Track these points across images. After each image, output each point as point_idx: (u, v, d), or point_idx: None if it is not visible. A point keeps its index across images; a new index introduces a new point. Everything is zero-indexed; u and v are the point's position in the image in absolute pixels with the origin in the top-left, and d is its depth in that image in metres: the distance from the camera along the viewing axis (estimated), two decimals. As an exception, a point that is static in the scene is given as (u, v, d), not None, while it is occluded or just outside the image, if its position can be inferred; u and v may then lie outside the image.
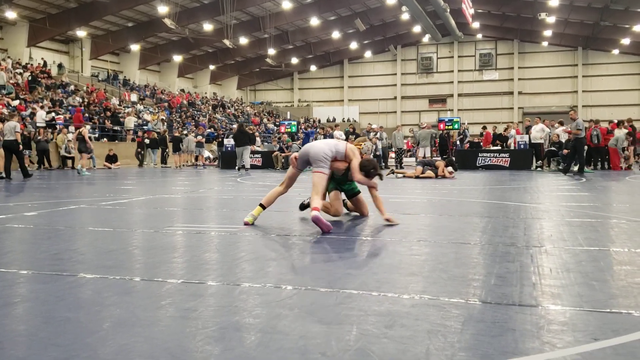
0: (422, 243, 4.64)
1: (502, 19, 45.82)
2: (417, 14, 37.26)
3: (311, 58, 52.55)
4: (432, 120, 32.43)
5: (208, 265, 3.83)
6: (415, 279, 3.37)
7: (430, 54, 53.30)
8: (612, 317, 2.58)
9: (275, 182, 13.33)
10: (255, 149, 23.38)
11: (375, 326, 2.45)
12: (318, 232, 5.19)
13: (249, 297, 2.97)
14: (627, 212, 6.71)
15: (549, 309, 2.72)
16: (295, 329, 2.42)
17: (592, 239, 4.78)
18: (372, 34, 48.24)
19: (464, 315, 2.61)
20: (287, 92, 57.70)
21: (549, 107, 47.45)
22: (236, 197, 9.56)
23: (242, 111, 46.76)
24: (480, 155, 20.32)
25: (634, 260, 3.87)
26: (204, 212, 7.40)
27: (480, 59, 52.04)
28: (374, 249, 4.43)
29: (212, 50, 45.65)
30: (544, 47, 49.63)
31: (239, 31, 39.45)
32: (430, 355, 2.11)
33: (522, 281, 3.27)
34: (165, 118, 31.74)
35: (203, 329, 2.44)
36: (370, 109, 53.98)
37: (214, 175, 17.47)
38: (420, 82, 53.83)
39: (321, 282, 3.27)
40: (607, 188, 11.12)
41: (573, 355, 2.11)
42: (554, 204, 7.85)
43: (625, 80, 48.05)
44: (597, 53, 48.32)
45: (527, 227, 5.40)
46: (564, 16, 40.95)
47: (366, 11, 42.83)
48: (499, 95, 51.43)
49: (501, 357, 2.09)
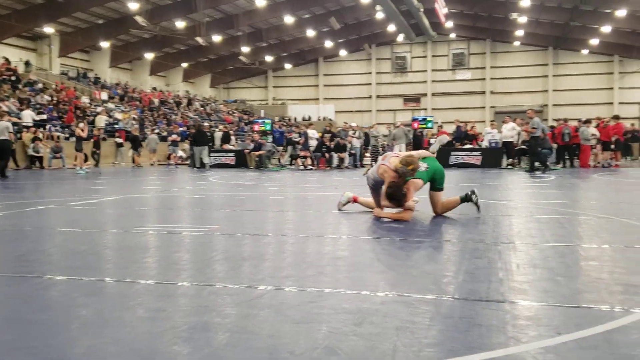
0: (393, 241, 4.67)
1: (474, 19, 46.30)
2: (391, 13, 37.44)
3: (286, 56, 52.40)
4: (406, 119, 32.64)
5: (178, 266, 3.81)
6: (385, 276, 3.40)
7: (405, 53, 53.61)
8: (575, 312, 2.64)
9: (249, 182, 13.28)
10: (229, 148, 23.27)
11: (345, 324, 2.46)
12: (290, 232, 5.20)
13: (218, 297, 2.96)
14: (594, 209, 6.85)
15: (515, 305, 2.77)
16: (264, 329, 2.42)
17: (559, 235, 4.88)
18: (346, 33, 48.31)
19: (432, 312, 2.64)
20: (262, 91, 57.46)
21: (520, 106, 48.02)
22: (208, 196, 9.50)
23: (215, 109, 46.44)
24: (452, 154, 20.53)
25: (599, 256, 3.96)
26: (175, 211, 7.34)
27: (453, 59, 52.51)
28: (346, 247, 4.45)
29: (184, 48, 45.17)
30: (515, 47, 50.29)
31: (212, 29, 39.12)
32: (397, 351, 2.13)
33: (490, 277, 3.32)
34: (137, 117, 31.35)
35: (172, 330, 2.43)
36: (346, 107, 54.07)
37: (186, 174, 17.33)
38: (395, 81, 54.11)
39: (292, 282, 3.28)
40: (576, 185, 11.34)
41: (537, 350, 2.15)
42: (523, 201, 7.98)
43: (594, 80, 49.00)
44: (567, 53, 49.16)
45: (496, 224, 5.48)
46: (535, 16, 41.56)
47: (341, 10, 42.86)
48: (472, 95, 51.95)
49: (467, 353, 2.12)
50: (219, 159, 22.33)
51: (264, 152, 20.65)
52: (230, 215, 6.73)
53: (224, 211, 7.18)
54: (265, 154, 20.71)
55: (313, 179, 13.98)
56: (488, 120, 44.30)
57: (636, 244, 4.37)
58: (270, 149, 20.93)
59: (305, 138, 20.69)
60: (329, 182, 13.00)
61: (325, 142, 20.22)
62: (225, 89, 58.22)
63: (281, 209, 7.41)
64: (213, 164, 22.04)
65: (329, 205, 7.70)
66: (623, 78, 47.96)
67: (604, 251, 4.13)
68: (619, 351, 2.13)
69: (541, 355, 2.09)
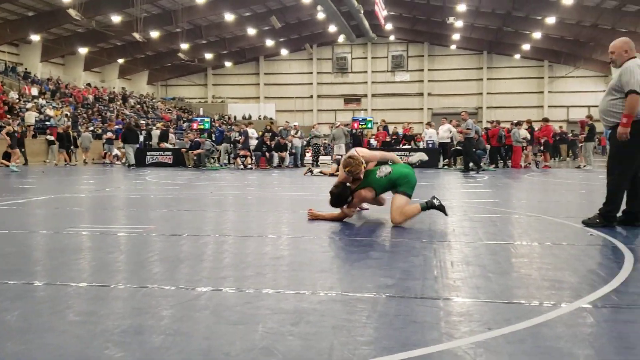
0: (333, 240, 4.70)
1: (413, 22, 47.32)
2: (332, 14, 37.73)
3: (226, 54, 51.84)
4: (347, 119, 32.95)
5: (112, 268, 3.70)
6: (324, 276, 3.41)
7: (345, 54, 54.14)
8: (505, 307, 2.74)
9: (187, 181, 13.06)
10: (167, 146, 22.81)
11: (281, 324, 2.46)
12: (229, 232, 5.14)
13: (153, 300, 2.89)
14: (524, 208, 7.13)
15: (449, 301, 2.84)
16: (199, 330, 2.39)
17: (491, 233, 5.05)
18: (288, 32, 48.30)
19: (368, 310, 2.68)
20: (201, 88, 56.62)
21: (456, 108, 49.44)
22: (144, 196, 9.27)
23: (152, 107, 45.37)
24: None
25: (528, 253, 4.12)
26: (109, 212, 7.12)
27: (392, 61, 53.46)
28: (286, 247, 4.44)
29: (120, 43, 43.88)
30: (452, 51, 51.73)
31: (149, 24, 38.19)
32: (333, 350, 2.15)
33: (425, 275, 3.39)
34: (69, 114, 30.21)
35: (103, 334, 2.35)
36: (287, 106, 54.06)
37: (121, 173, 16.85)
38: (336, 81, 54.56)
39: (230, 282, 3.25)
40: (507, 185, 11.77)
41: (468, 345, 2.22)
42: (458, 200, 8.21)
43: (526, 83, 51.10)
44: (500, 57, 51.02)
45: (432, 223, 5.61)
46: (471, 21, 42.89)
47: (282, 9, 42.80)
48: (410, 96, 53.06)
49: (401, 350, 2.16)
50: (155, 158, 21.85)
51: (203, 151, 20.35)
52: (167, 215, 6.59)
53: (161, 211, 7.03)
54: (204, 153, 20.42)
55: (253, 179, 13.90)
56: (425, 122, 45.34)
57: (563, 241, 4.58)
58: (209, 148, 20.64)
59: (245, 137, 20.53)
60: (269, 182, 12.96)
61: (265, 141, 20.13)
62: (163, 86, 57.02)
63: (220, 208, 7.32)
64: (150, 162, 21.54)
65: (269, 204, 7.67)
66: (552, 82, 50.24)
67: (533, 248, 4.30)
68: (544, 344, 2.22)
69: (472, 350, 2.16)
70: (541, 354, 2.12)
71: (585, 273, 3.47)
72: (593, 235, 4.84)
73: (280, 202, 8.07)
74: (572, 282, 3.23)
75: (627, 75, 5.04)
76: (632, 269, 3.51)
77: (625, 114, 5.03)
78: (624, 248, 4.18)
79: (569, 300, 2.84)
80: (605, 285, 3.10)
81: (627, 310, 2.68)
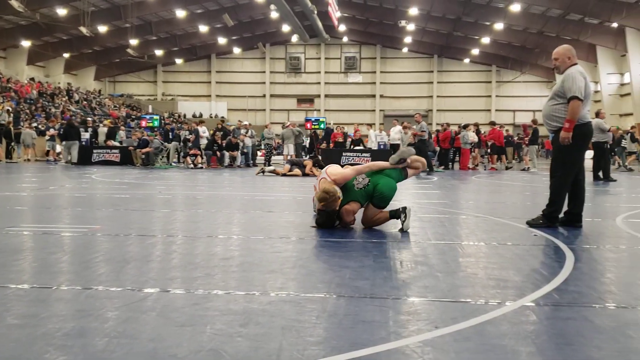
0: (284, 240, 4.69)
1: (365, 24, 47.76)
2: (286, 14, 37.64)
3: (177, 51, 50.96)
4: (300, 120, 32.97)
5: (55, 269, 3.57)
6: (274, 276, 3.40)
7: (299, 54, 54.13)
8: (452, 306, 2.79)
9: (134, 180, 12.77)
10: (114, 144, 22.25)
11: (230, 325, 2.43)
12: (178, 232, 5.05)
13: (97, 301, 2.81)
14: (471, 209, 7.30)
15: (397, 300, 2.88)
16: (145, 332, 2.33)
17: (440, 233, 5.14)
18: (240, 30, 47.87)
19: (318, 310, 2.68)
20: (150, 85, 55.46)
21: (407, 110, 50.23)
22: (90, 195, 9.02)
23: (100, 103, 44.16)
24: (344, 155, 21.02)
25: (475, 253, 4.21)
26: (52, 211, 6.89)
27: (345, 62, 53.80)
28: (236, 248, 4.40)
29: (66, 37, 42.46)
30: (404, 54, 52.48)
31: (97, 19, 37.13)
32: (282, 351, 2.14)
33: (375, 274, 3.42)
34: (11, 109, 29.05)
35: (44, 337, 2.27)
36: (239, 105, 53.62)
37: (65, 171, 16.33)
38: (289, 81, 54.48)
39: (178, 284, 3.19)
40: (456, 186, 12.03)
41: (416, 343, 2.25)
42: (408, 201, 8.32)
43: (474, 88, 52.37)
44: (450, 61, 52.11)
45: (382, 224, 5.65)
46: (422, 25, 43.63)
47: (235, 7, 42.42)
48: (363, 98, 53.53)
49: (350, 349, 2.17)
50: (102, 156, 21.27)
51: (151, 150, 19.95)
52: (113, 215, 6.42)
53: (107, 211, 6.84)
54: (153, 151, 20.02)
55: (203, 178, 13.72)
56: (378, 123, 45.83)
57: (508, 241, 4.71)
58: (157, 146, 20.24)
59: (196, 135, 20.24)
60: (220, 182, 12.82)
61: (216, 140, 19.91)
62: (111, 82, 55.56)
63: (169, 208, 7.19)
64: (96, 161, 20.96)
65: (219, 204, 7.59)
66: (500, 87, 51.67)
67: (479, 248, 4.40)
68: (489, 342, 2.27)
69: (420, 349, 2.18)
70: (486, 352, 2.17)
71: (528, 272, 3.58)
72: (537, 235, 5.00)
73: (231, 202, 7.99)
74: (516, 281, 3.32)
75: (569, 81, 5.22)
76: (572, 268, 3.64)
77: (567, 119, 5.22)
78: (566, 248, 4.34)
79: (513, 298, 2.92)
80: (547, 284, 3.20)
81: (568, 308, 2.77)
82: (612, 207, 7.99)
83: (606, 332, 2.42)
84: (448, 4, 38.72)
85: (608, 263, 3.96)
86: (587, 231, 5.38)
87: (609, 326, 2.49)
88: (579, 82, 5.19)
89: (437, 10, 40.13)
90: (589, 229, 5.51)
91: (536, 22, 37.43)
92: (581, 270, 3.59)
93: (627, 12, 31.05)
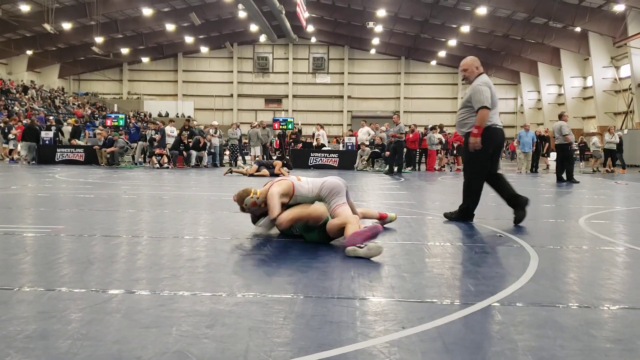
0: (251, 241, 4.66)
1: (334, 25, 47.91)
2: (253, 13, 37.48)
3: (143, 49, 50.25)
4: (268, 120, 32.87)
5: (16, 270, 3.48)
6: (241, 277, 3.38)
7: (267, 54, 53.98)
8: (418, 306, 2.81)
9: (99, 180, 12.54)
10: (78, 143, 21.81)
11: (196, 327, 2.40)
12: (144, 233, 4.98)
13: (60, 303, 2.74)
14: (438, 209, 7.38)
15: (365, 301, 2.89)
16: (109, 334, 2.29)
17: (407, 234, 5.19)
18: (208, 29, 47.49)
19: (285, 311, 2.67)
20: (116, 84, 54.56)
21: (375, 111, 50.62)
22: (53, 194, 8.81)
23: (64, 102, 43.21)
24: (312, 155, 21.04)
25: (441, 253, 4.26)
26: (14, 211, 6.70)
27: (313, 63, 53.89)
28: (203, 248, 4.35)
29: (30, 34, 41.45)
30: (371, 55, 52.84)
31: (61, 16, 36.37)
32: (249, 352, 2.12)
33: (342, 274, 3.43)
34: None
35: (3, 339, 2.21)
36: (206, 105, 53.19)
37: (28, 171, 15.93)
38: (257, 81, 54.28)
39: (144, 285, 3.14)
40: (423, 187, 12.16)
41: (383, 344, 2.26)
42: (375, 202, 8.38)
43: (441, 89, 53.07)
44: (417, 63, 52.68)
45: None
46: (390, 26, 44.00)
47: (202, 6, 42.05)
48: (331, 99, 53.69)
49: (318, 350, 2.17)
50: (66, 155, 20.82)
51: (116, 149, 19.62)
52: (77, 215, 6.29)
53: (71, 211, 6.70)
54: (118, 150, 19.69)
55: (170, 178, 13.55)
56: (346, 124, 46.07)
57: (473, 242, 4.78)
58: (122, 146, 19.92)
59: (162, 135, 19.98)
60: (187, 182, 12.68)
61: (183, 140, 19.69)
62: (75, 80, 54.46)
63: (134, 208, 7.07)
64: (60, 160, 20.52)
65: (185, 205, 7.50)
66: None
67: (445, 249, 4.45)
68: (455, 342, 2.30)
69: (386, 349, 2.20)
70: (452, 352, 2.19)
71: (494, 273, 3.64)
72: (502, 236, 5.09)
73: (198, 203, 7.91)
74: (482, 281, 3.37)
75: (478, 95, 5.82)
76: (536, 268, 3.71)
77: (476, 126, 5.78)
78: (530, 248, 4.42)
79: (479, 298, 2.96)
80: (512, 284, 3.26)
81: (532, 307, 2.83)
82: (576, 208, 8.19)
83: (569, 331, 2.47)
84: (416, 6, 39.14)
85: (571, 263, 4.05)
86: (551, 232, 5.50)
87: (572, 325, 2.55)
88: (485, 93, 5.80)
89: (405, 12, 40.53)
90: (553, 229, 5.63)
91: (502, 25, 38.14)
92: (545, 271, 3.67)
93: (590, 16, 31.90)
